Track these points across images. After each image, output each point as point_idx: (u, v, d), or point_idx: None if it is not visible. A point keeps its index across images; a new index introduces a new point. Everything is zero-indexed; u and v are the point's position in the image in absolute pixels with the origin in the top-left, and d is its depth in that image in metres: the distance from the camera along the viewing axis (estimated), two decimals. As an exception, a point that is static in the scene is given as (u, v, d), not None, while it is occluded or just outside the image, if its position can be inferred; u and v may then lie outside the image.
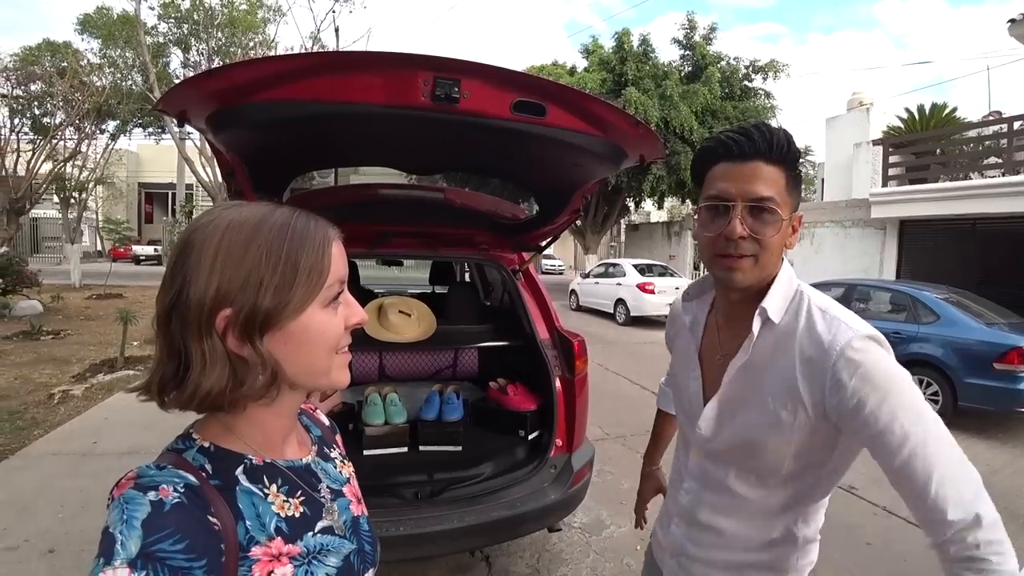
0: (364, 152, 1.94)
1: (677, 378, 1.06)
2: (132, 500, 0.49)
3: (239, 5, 15.25)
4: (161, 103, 1.34)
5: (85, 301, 11.79)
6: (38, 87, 14.58)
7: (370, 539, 0.71)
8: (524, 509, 2.07)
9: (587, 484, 2.36)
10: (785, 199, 0.82)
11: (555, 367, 2.39)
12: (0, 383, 5.38)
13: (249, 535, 0.55)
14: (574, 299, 13.74)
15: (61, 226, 18.80)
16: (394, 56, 1.25)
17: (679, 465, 1.07)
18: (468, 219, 2.59)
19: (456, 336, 2.80)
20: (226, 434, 0.59)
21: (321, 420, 0.80)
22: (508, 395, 2.60)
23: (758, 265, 0.83)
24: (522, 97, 1.36)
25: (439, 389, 2.71)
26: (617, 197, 16.41)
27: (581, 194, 2.08)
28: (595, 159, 1.66)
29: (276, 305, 0.54)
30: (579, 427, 2.38)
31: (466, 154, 1.90)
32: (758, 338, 0.85)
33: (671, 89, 14.03)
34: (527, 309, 2.52)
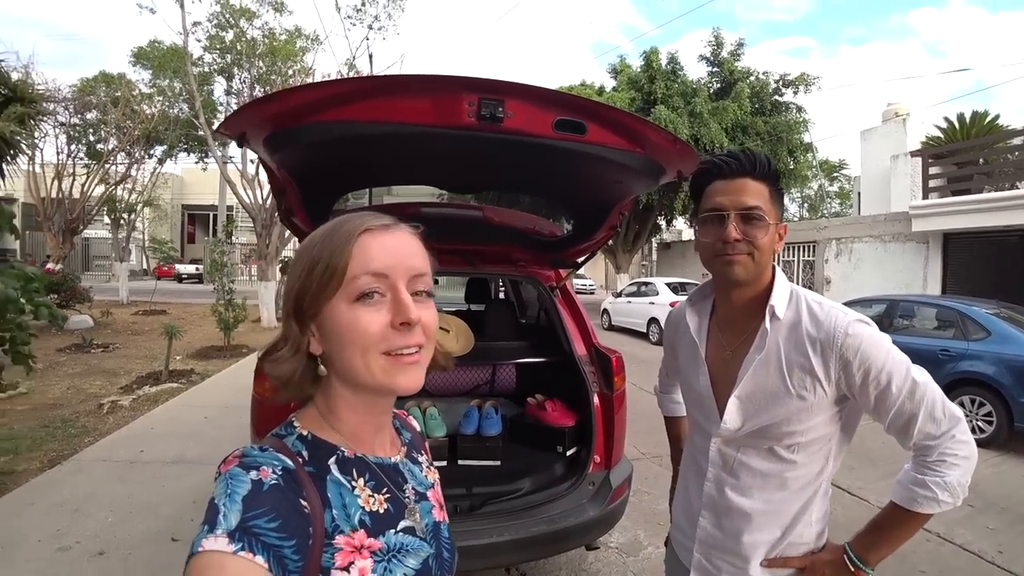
0: (409, 171, 2.01)
1: (685, 377, 1.17)
2: (236, 477, 0.52)
3: (279, 35, 15.96)
4: (223, 126, 1.43)
5: (132, 317, 12.34)
6: (94, 115, 15.47)
7: (449, 546, 0.71)
8: (562, 525, 2.05)
9: (625, 501, 2.33)
10: (770, 208, 0.97)
11: (593, 383, 2.39)
12: (54, 393, 5.66)
13: (335, 523, 0.57)
14: (606, 318, 13.63)
15: (111, 245, 19.78)
16: (442, 79, 1.31)
17: (696, 458, 1.13)
18: (506, 236, 2.63)
19: (494, 352, 2.83)
20: (322, 425, 0.63)
21: (412, 425, 0.83)
22: (546, 411, 2.60)
23: (754, 262, 0.97)
24: (563, 116, 1.40)
25: (478, 404, 2.74)
26: (648, 215, 16.30)
27: (619, 210, 2.10)
28: (634, 175, 1.68)
29: (300, 296, 0.60)
30: (617, 443, 2.36)
31: (508, 172, 1.95)
32: (769, 331, 0.98)
33: (700, 106, 13.97)
34: (564, 325, 2.53)
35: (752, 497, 1.02)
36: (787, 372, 0.96)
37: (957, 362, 5.21)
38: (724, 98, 14.82)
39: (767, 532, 1.01)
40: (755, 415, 1.00)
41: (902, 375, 0.92)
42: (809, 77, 15.41)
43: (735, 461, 1.04)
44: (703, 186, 1.03)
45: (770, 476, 1.01)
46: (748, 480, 1.02)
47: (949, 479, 0.89)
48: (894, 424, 0.94)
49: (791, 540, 1.01)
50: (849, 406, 0.99)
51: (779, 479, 1.00)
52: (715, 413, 1.05)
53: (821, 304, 0.99)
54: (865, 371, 0.92)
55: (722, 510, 1.05)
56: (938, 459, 0.90)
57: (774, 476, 1.00)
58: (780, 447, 0.99)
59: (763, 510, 1.01)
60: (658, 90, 14.54)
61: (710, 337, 1.11)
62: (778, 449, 0.99)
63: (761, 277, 1.01)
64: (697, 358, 1.11)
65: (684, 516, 1.16)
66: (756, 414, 0.99)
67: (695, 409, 1.15)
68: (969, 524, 3.34)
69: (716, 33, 15.84)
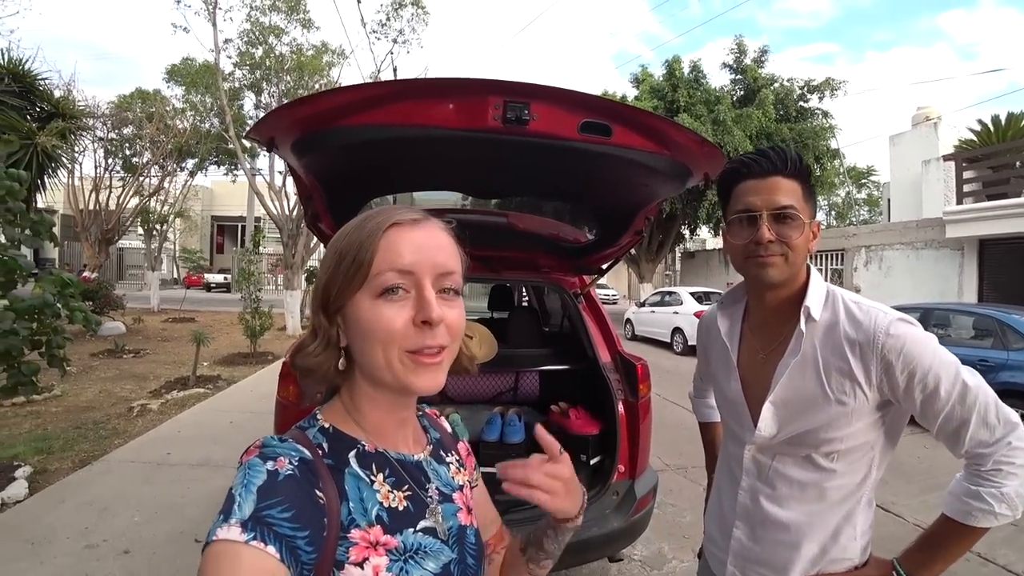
0: (436, 176, 2.01)
1: (718, 383, 1.13)
2: (253, 467, 0.53)
3: (306, 51, 16.38)
4: (252, 132, 1.45)
5: (162, 324, 12.67)
6: (130, 130, 16.04)
7: (475, 552, 0.68)
8: (585, 535, 2.01)
9: (650, 512, 2.28)
10: (803, 206, 0.94)
11: (618, 390, 2.35)
12: (87, 396, 5.82)
13: (351, 516, 0.56)
14: (629, 328, 13.52)
15: (143, 255, 20.37)
16: (467, 81, 1.31)
17: (730, 467, 1.09)
18: (530, 243, 2.63)
19: (517, 359, 2.81)
20: (345, 419, 0.63)
21: (443, 426, 0.81)
22: (570, 419, 2.57)
23: (787, 263, 0.94)
24: (589, 118, 1.39)
25: (500, 411, 2.72)
26: (672, 224, 16.14)
27: (644, 214, 2.07)
28: (660, 178, 1.66)
29: (327, 290, 0.60)
30: (642, 453, 2.31)
31: (534, 176, 1.94)
32: (805, 334, 0.94)
33: (724, 114, 13.85)
34: (589, 332, 2.50)
35: (789, 508, 0.98)
36: (824, 376, 0.92)
37: (997, 372, 5.00)
38: (748, 105, 14.68)
39: (806, 546, 0.96)
40: (791, 421, 0.95)
41: (951, 377, 0.86)
42: (835, 82, 15.17)
43: (770, 469, 1.00)
44: (732, 187, 1.00)
45: (808, 486, 0.96)
46: (785, 490, 0.98)
47: (1006, 490, 0.83)
48: (943, 430, 0.88)
49: (833, 555, 0.96)
50: (893, 411, 0.94)
51: (818, 489, 0.96)
52: (748, 419, 1.02)
53: (860, 304, 0.94)
54: (910, 374, 0.87)
55: (757, 521, 1.01)
56: (993, 468, 0.84)
57: (812, 486, 0.96)
58: (818, 455, 0.95)
59: (801, 522, 0.96)
60: (681, 98, 14.48)
61: (743, 341, 1.08)
62: (816, 457, 0.95)
63: (795, 278, 0.97)
64: (729, 363, 1.08)
65: (718, 527, 1.12)
66: (792, 420, 0.95)
67: (728, 415, 1.11)
68: (1013, 544, 3.17)
69: (739, 40, 15.74)
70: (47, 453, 4.05)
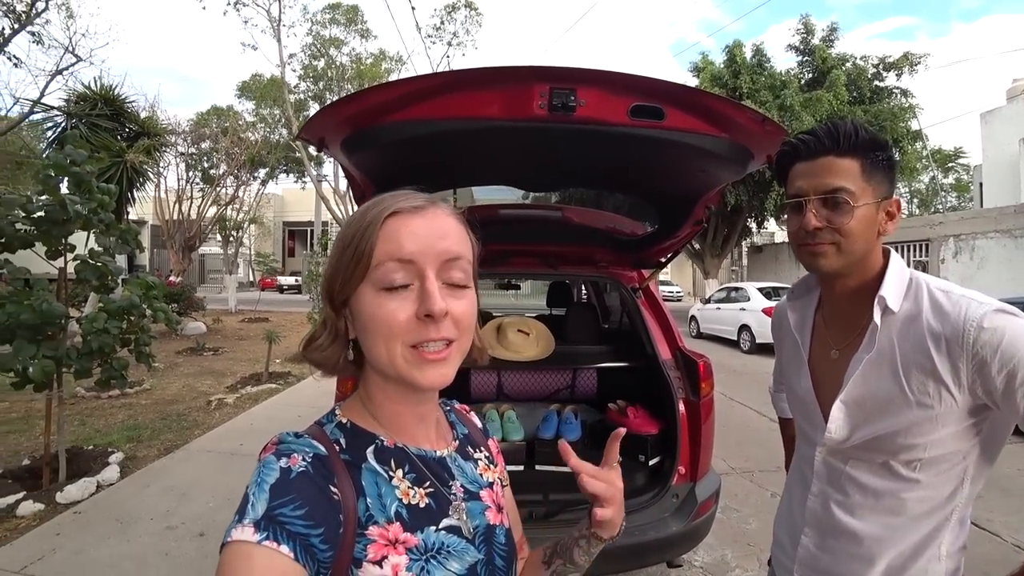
0: (484, 170, 2.00)
1: (788, 379, 1.06)
2: (267, 465, 0.52)
3: (365, 60, 17.00)
4: (302, 132, 1.49)
5: (239, 324, 13.50)
6: (207, 145, 17.27)
7: (505, 553, 0.65)
8: (642, 539, 1.93)
9: (712, 518, 2.16)
10: (862, 186, 0.84)
11: (678, 389, 2.25)
12: (172, 390, 6.29)
13: (369, 513, 0.55)
14: (694, 326, 13.08)
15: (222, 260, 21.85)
16: (510, 70, 1.28)
17: (801, 468, 1.01)
18: (586, 237, 2.57)
19: (574, 356, 2.75)
20: (363, 414, 0.62)
21: (473, 421, 0.78)
22: (628, 417, 2.49)
23: (841, 252, 0.85)
24: (639, 101, 1.32)
25: (557, 409, 2.68)
26: (737, 217, 15.47)
27: (704, 203, 1.96)
28: (719, 162, 1.56)
29: (330, 281, 0.58)
30: (704, 455, 2.20)
31: (585, 166, 1.88)
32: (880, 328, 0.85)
33: (791, 99, 13.10)
34: (648, 328, 2.41)
35: (862, 518, 0.88)
36: (904, 375, 0.83)
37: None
38: (817, 88, 13.81)
39: (880, 562, 0.87)
40: (865, 424, 0.87)
41: None
42: (914, 57, 14.00)
43: (843, 475, 0.91)
44: (787, 171, 0.93)
45: (884, 495, 0.87)
46: (858, 498, 0.89)
47: None
48: None
49: None
50: (991, 417, 0.82)
51: (896, 500, 0.86)
52: (819, 419, 0.93)
53: (949, 293, 0.83)
54: (1009, 374, 0.74)
55: (827, 529, 0.93)
56: None
57: (890, 496, 0.86)
58: (897, 462, 0.85)
59: (876, 535, 0.87)
60: (743, 85, 13.85)
61: (815, 334, 1.00)
62: (895, 465, 0.85)
63: (862, 265, 0.88)
64: (799, 358, 1.00)
65: (786, 532, 1.03)
66: (866, 423, 0.86)
67: (799, 414, 1.03)
68: None
69: (805, 20, 14.86)
70: (137, 441, 4.41)
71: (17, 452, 4.10)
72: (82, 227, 3.47)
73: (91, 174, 3.61)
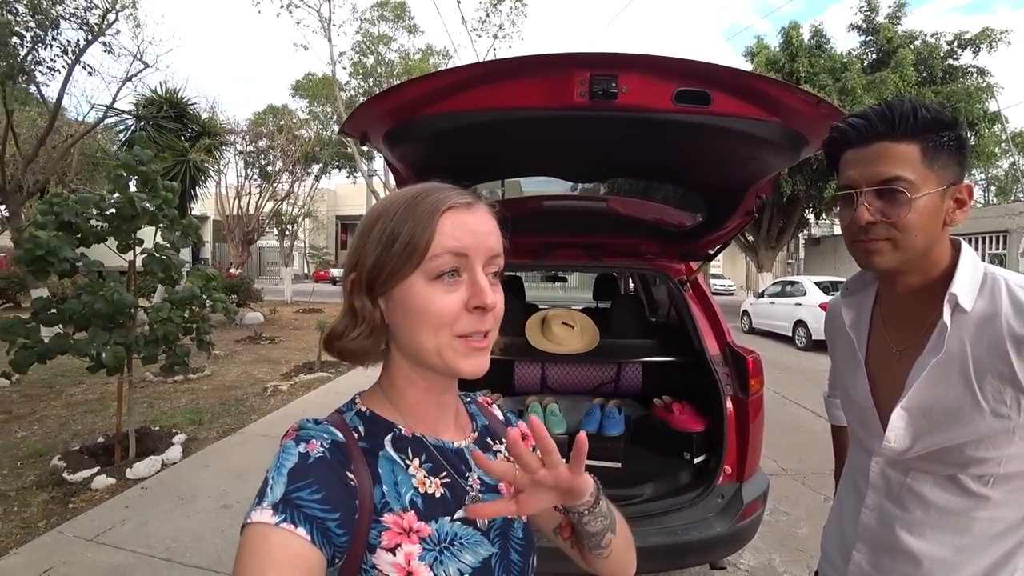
0: (526, 161, 1.97)
1: (842, 382, 0.98)
2: (287, 450, 0.54)
3: (413, 55, 17.25)
4: (345, 127, 1.51)
5: (294, 314, 14.08)
6: (264, 143, 18.00)
7: (521, 548, 0.65)
8: (685, 538, 1.88)
9: (758, 520, 2.07)
10: (923, 173, 0.75)
11: (726, 385, 2.17)
12: (231, 376, 6.63)
13: (384, 500, 0.56)
14: (746, 321, 12.66)
15: (278, 253, 22.83)
16: (549, 57, 1.25)
17: (855, 478, 0.93)
18: (633, 228, 2.51)
19: (619, 350, 2.71)
20: (382, 402, 0.62)
21: (494, 414, 0.78)
22: (673, 413, 2.43)
23: (898, 247, 0.77)
24: (684, 86, 1.26)
25: (600, 403, 2.64)
26: (794, 208, 14.75)
27: (754, 192, 1.87)
28: (770, 149, 1.47)
29: (375, 270, 0.57)
30: (752, 454, 2.11)
31: (630, 155, 1.83)
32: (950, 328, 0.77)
33: (852, 81, 12.29)
34: (696, 322, 2.33)
35: (923, 537, 0.81)
36: (976, 381, 0.75)
37: None
38: (881, 69, 12.91)
39: None
40: (929, 433, 0.79)
41: None
42: (994, 32, 12.82)
43: (902, 488, 0.83)
44: (837, 157, 0.85)
45: (950, 513, 0.79)
46: (920, 514, 0.81)
47: None
48: None
49: None
50: None
51: (964, 519, 0.78)
52: (876, 426, 0.86)
53: None
54: None
55: (882, 547, 0.85)
56: None
57: (957, 514, 0.78)
58: (967, 476, 0.77)
59: (938, 557, 0.79)
60: (801, 68, 13.13)
61: (873, 333, 0.91)
62: (964, 479, 0.78)
63: (928, 259, 0.80)
64: (855, 359, 0.92)
65: (836, 547, 0.96)
66: (931, 432, 0.78)
67: (853, 419, 0.95)
68: None
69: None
70: (198, 424, 4.68)
71: (93, 430, 4.44)
72: (149, 222, 3.68)
73: (156, 173, 3.82)
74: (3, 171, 6.76)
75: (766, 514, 2.26)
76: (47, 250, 3.18)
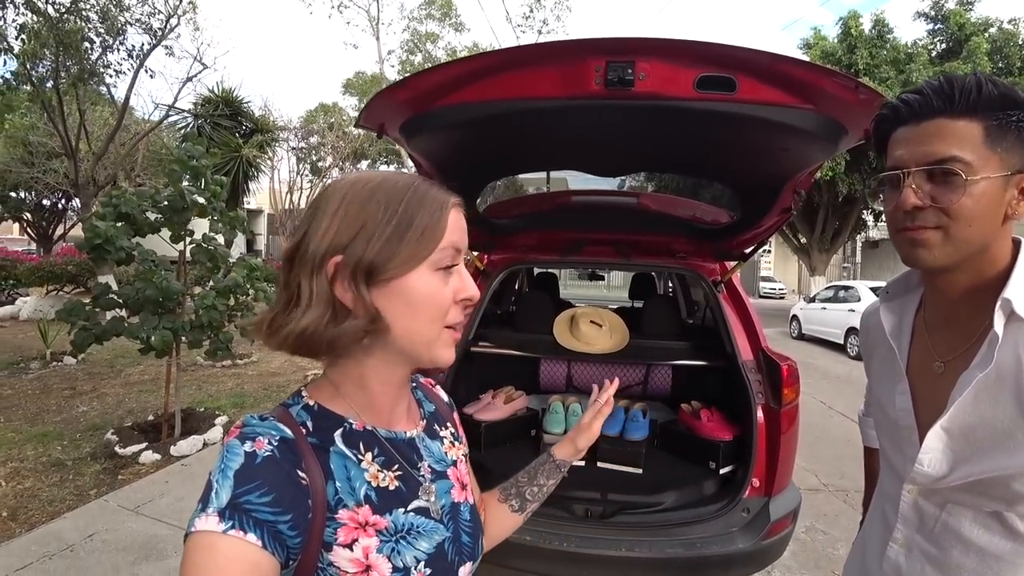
0: (545, 153, 1.92)
1: (878, 396, 0.87)
2: (231, 449, 0.51)
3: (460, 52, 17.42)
4: (362, 119, 1.50)
5: (337, 307, 14.55)
6: (315, 140, 18.64)
7: (470, 529, 0.66)
8: (704, 552, 1.79)
9: (787, 539, 1.95)
10: (984, 155, 0.65)
11: (758, 393, 2.06)
12: (276, 364, 6.89)
13: (338, 496, 0.54)
14: (795, 326, 12.03)
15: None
16: (562, 44, 1.20)
17: (883, 508, 0.83)
18: (664, 225, 2.42)
19: (649, 351, 2.62)
20: (333, 396, 0.60)
21: (439, 396, 0.78)
22: (701, 420, 2.33)
23: (949, 239, 0.67)
24: (706, 71, 1.19)
25: (625, 405, 2.57)
26: (850, 209, 14.00)
27: (792, 188, 1.75)
28: (805, 139, 1.36)
29: (383, 256, 0.53)
30: (783, 468, 1.99)
31: (652, 146, 1.75)
32: (1003, 339, 0.66)
33: (918, 73, 11.51)
34: (728, 325, 2.22)
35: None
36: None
37: None
38: (951, 59, 12.03)
39: None
40: (971, 460, 0.68)
41: None
42: (1081, 18, 11.70)
43: (937, 523, 0.73)
44: (886, 138, 0.75)
45: (993, 557, 0.68)
46: (957, 555, 0.71)
47: None
48: None
49: None
50: None
51: (1010, 566, 0.67)
52: (912, 447, 0.76)
53: None
54: None
55: None
56: None
57: (1001, 559, 0.68)
58: (1015, 515, 0.67)
59: None
60: (860, 61, 12.39)
61: (915, 341, 0.81)
62: (1011, 518, 0.67)
63: (983, 257, 0.69)
64: (894, 369, 0.81)
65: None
66: (973, 459, 0.68)
67: (886, 438, 0.85)
68: None
69: (938, -18, 12.97)
70: (240, 407, 4.89)
71: (145, 409, 4.72)
72: (199, 214, 3.86)
73: (206, 167, 4.00)
74: (76, 166, 7.27)
75: (801, 532, 2.14)
76: (105, 239, 3.39)
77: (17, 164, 12.75)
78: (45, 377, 5.76)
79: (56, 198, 16.78)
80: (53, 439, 3.94)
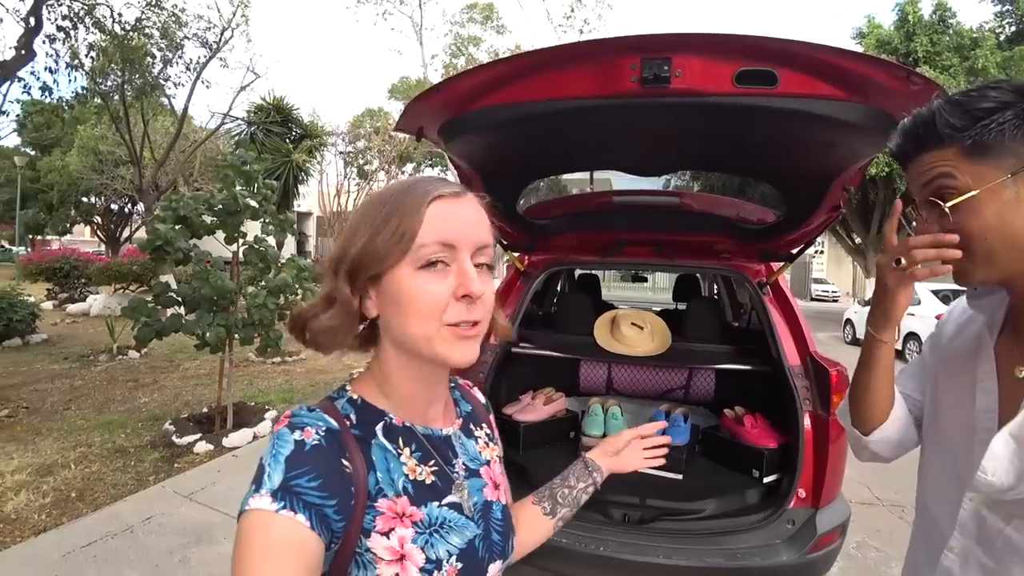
0: (583, 153, 1.90)
1: (943, 399, 0.82)
2: (282, 437, 0.54)
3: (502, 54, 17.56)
4: (400, 124, 1.53)
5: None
6: (362, 144, 19.17)
7: (501, 528, 0.67)
8: (745, 564, 1.72)
9: (834, 553, 1.86)
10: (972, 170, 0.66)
11: (805, 400, 1.97)
12: (323, 361, 7.09)
13: (379, 486, 0.57)
14: (849, 330, 11.49)
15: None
16: (595, 43, 1.19)
17: (939, 511, 0.77)
18: (707, 225, 2.35)
19: (692, 354, 2.56)
20: (374, 391, 0.63)
21: (476, 397, 0.81)
22: (744, 426, 2.25)
23: (974, 257, 0.67)
24: (745, 65, 1.15)
25: (666, 409, 2.52)
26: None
27: (840, 185, 1.67)
28: (853, 133, 1.29)
29: (362, 256, 0.57)
30: (831, 479, 1.90)
31: (691, 145, 1.71)
32: None
33: (984, 59, 10.71)
34: (774, 329, 2.14)
35: None
36: None
37: None
38: (1021, 43, 11.14)
39: None
40: None
41: None
42: None
43: (1000, 537, 0.67)
44: None
45: None
46: (1018, 573, 0.66)
47: None
48: None
49: None
50: None
51: None
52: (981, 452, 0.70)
53: None
54: None
55: None
56: None
57: None
58: None
59: None
60: (919, 48, 11.65)
61: (1000, 346, 0.77)
62: None
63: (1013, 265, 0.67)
64: (978, 369, 0.76)
65: None
66: None
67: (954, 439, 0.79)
68: None
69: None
70: (289, 402, 5.08)
71: (200, 401, 4.97)
72: (251, 217, 4.05)
73: (258, 172, 4.19)
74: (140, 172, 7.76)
75: (853, 548, 2.03)
76: (165, 240, 3.60)
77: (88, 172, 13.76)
78: (112, 369, 6.16)
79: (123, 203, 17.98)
80: (117, 427, 4.22)
